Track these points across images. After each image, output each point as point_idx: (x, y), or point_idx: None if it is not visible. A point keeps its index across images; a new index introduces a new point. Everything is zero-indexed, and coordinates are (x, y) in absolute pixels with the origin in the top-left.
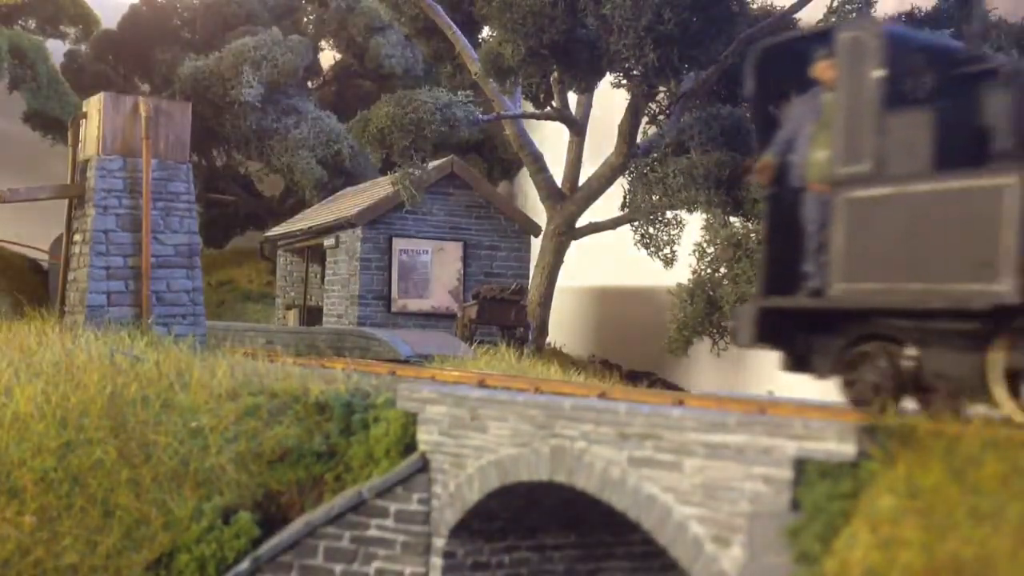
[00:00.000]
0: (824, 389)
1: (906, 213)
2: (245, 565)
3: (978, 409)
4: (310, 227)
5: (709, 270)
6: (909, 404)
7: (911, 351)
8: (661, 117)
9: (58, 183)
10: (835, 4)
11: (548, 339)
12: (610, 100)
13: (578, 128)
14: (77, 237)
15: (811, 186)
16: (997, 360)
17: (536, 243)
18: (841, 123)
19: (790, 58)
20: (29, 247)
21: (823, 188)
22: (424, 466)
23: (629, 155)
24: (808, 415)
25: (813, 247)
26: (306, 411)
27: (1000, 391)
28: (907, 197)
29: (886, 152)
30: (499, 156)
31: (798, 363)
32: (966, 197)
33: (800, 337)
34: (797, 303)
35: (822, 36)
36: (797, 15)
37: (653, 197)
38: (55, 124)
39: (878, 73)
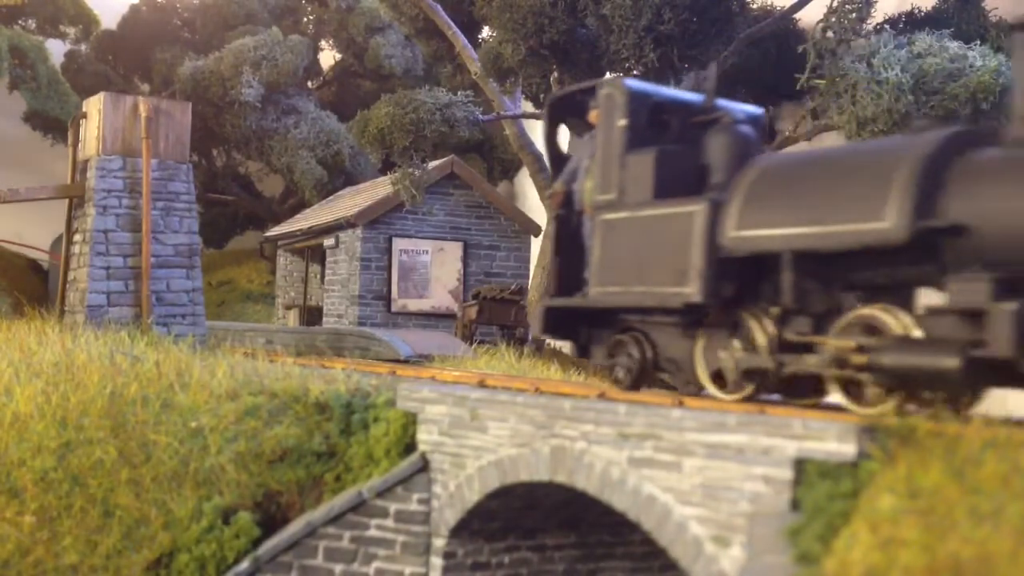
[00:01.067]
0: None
1: (635, 231)
2: (245, 565)
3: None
4: (310, 227)
5: None
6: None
7: (650, 340)
8: None
9: (58, 183)
10: (835, 4)
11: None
12: None
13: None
14: (77, 237)
15: (585, 210)
16: (699, 347)
17: (536, 243)
18: (599, 160)
19: (575, 106)
20: (29, 247)
21: (591, 211)
22: (424, 466)
23: None
24: (808, 415)
25: (589, 258)
26: (306, 411)
27: (703, 373)
28: (636, 219)
29: (626, 184)
30: (499, 156)
31: (583, 351)
32: (672, 220)
33: (583, 330)
34: (568, 302)
35: (595, 89)
36: (797, 15)
37: None
38: (55, 124)
39: (622, 122)
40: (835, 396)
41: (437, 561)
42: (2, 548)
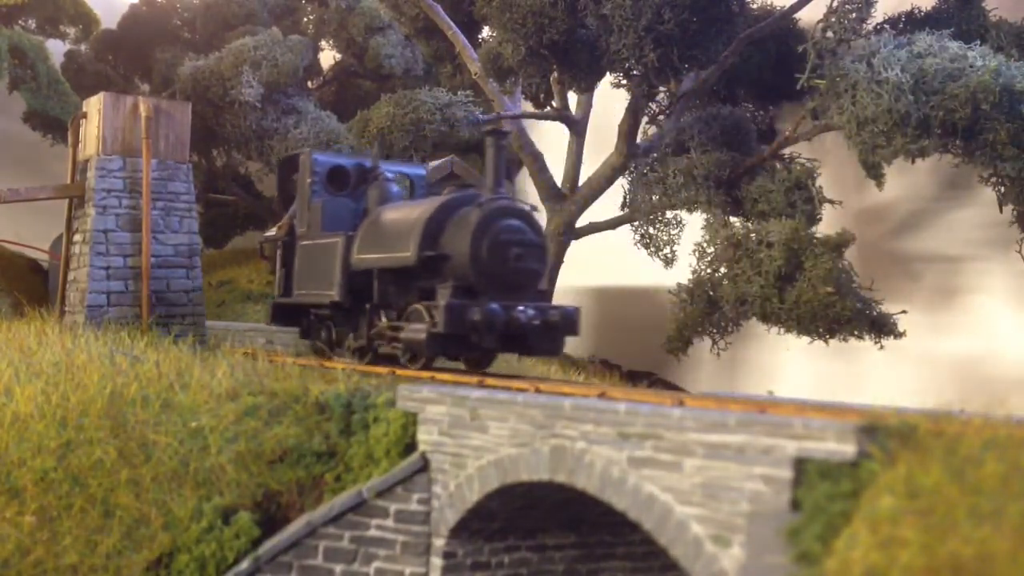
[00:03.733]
0: (825, 389)
1: (314, 253)
2: (245, 565)
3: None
4: None
5: (709, 270)
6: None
7: (334, 326)
8: (661, 117)
9: (58, 183)
10: (835, 4)
11: None
12: (610, 100)
13: (578, 128)
14: (77, 237)
15: (300, 236)
16: (346, 327)
17: None
18: (299, 204)
19: (296, 164)
20: (29, 247)
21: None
22: (424, 466)
23: (629, 155)
24: (808, 415)
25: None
26: (306, 411)
27: (350, 343)
28: (314, 245)
29: (311, 221)
30: None
31: (304, 334)
32: (327, 247)
33: (304, 320)
34: (285, 300)
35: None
36: (797, 15)
37: (653, 197)
38: (55, 124)
39: (308, 179)
40: (404, 359)
41: (437, 561)
42: (2, 548)
